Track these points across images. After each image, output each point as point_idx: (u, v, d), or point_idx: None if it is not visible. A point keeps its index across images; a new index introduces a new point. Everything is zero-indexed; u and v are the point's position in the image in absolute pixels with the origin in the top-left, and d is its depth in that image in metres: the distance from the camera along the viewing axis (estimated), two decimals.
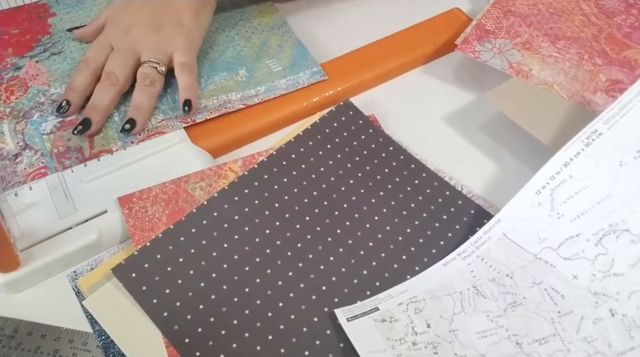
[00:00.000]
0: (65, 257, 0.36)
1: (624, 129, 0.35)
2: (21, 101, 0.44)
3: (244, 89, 0.45)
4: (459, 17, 0.52)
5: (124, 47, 0.44)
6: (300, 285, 0.36)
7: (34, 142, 0.42)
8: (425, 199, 0.40)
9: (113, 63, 0.43)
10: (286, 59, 0.48)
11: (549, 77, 0.43)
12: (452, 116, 0.46)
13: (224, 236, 0.37)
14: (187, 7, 0.45)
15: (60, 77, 0.46)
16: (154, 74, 0.43)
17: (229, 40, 0.50)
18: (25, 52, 0.48)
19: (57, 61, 0.47)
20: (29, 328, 0.35)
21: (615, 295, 0.33)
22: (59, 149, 0.41)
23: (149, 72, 0.43)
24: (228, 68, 0.47)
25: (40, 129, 0.43)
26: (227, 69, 0.47)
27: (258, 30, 0.51)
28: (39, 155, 0.41)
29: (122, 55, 0.43)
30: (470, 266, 0.36)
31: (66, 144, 0.42)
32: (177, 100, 0.43)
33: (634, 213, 0.34)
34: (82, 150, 0.41)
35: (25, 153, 0.41)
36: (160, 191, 0.39)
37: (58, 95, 0.45)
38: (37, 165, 0.40)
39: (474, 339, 0.33)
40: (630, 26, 0.46)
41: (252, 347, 0.33)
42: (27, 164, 0.40)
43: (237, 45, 0.49)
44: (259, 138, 0.45)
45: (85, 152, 0.41)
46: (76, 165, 0.40)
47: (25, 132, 0.42)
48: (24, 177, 0.40)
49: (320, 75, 0.46)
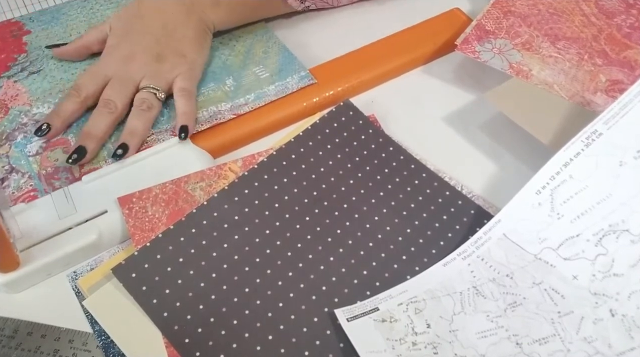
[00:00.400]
0: (65, 257, 0.36)
1: (624, 129, 0.35)
2: (2, 123, 0.43)
3: (232, 99, 0.45)
4: (459, 17, 0.52)
5: (123, 76, 0.43)
6: (300, 285, 0.36)
7: (20, 164, 0.41)
8: (425, 199, 0.40)
9: (112, 91, 0.42)
10: (273, 65, 0.47)
11: (549, 78, 0.43)
12: (452, 116, 0.46)
13: (224, 236, 0.37)
14: (189, 39, 0.45)
15: (42, 96, 0.45)
16: (152, 99, 0.42)
17: (212, 49, 0.48)
18: (1, 72, 0.46)
19: (37, 80, 0.46)
20: (29, 328, 0.35)
21: (615, 295, 0.33)
22: (47, 170, 0.40)
23: (147, 97, 0.42)
24: (215, 78, 0.47)
25: (26, 150, 0.41)
26: (214, 79, 0.47)
27: (241, 38, 0.50)
28: (27, 178, 0.40)
29: (122, 83, 0.42)
30: (470, 266, 0.36)
31: (54, 165, 0.40)
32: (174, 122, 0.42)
33: (634, 213, 0.34)
34: (71, 170, 0.40)
35: (12, 177, 0.40)
36: (160, 191, 0.39)
37: (41, 115, 0.43)
38: (26, 188, 0.39)
39: (474, 339, 0.33)
40: (630, 26, 0.46)
41: (252, 348, 0.33)
42: (15, 187, 0.39)
43: (221, 54, 0.49)
44: (259, 138, 0.45)
45: (74, 172, 0.40)
46: (66, 185, 0.39)
47: (10, 154, 0.41)
48: (12, 202, 0.38)
49: (308, 79, 0.46)
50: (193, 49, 0.45)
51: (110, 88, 0.42)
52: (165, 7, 0.46)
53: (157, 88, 0.43)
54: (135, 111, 0.42)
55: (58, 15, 0.51)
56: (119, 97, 0.42)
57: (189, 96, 0.43)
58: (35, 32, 0.50)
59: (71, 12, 0.52)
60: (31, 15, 0.51)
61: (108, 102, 0.42)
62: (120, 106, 0.42)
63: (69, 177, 0.40)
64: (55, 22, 0.51)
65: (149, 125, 0.42)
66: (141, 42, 0.44)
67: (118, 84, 0.42)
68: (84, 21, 0.51)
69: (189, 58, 0.44)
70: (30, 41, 0.49)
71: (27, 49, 0.48)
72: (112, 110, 0.41)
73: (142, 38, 0.44)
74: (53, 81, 0.46)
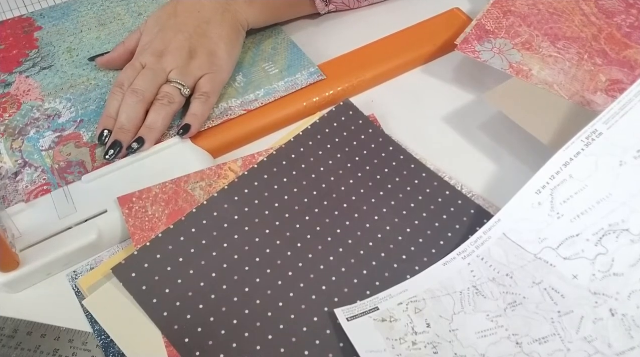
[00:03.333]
0: (65, 257, 0.36)
1: (624, 129, 0.35)
2: (15, 118, 0.44)
3: (243, 95, 0.45)
4: (459, 17, 0.52)
5: (156, 68, 0.43)
6: (301, 285, 0.36)
7: (34, 159, 0.41)
8: (425, 199, 0.40)
9: (142, 81, 0.42)
10: (282, 61, 0.48)
11: (549, 77, 0.43)
12: (452, 116, 0.46)
13: (224, 236, 0.37)
14: (222, 38, 0.45)
15: (54, 92, 0.45)
16: (175, 94, 0.42)
17: None
18: (13, 68, 0.47)
19: (49, 76, 0.47)
20: (29, 328, 0.35)
21: (615, 295, 0.33)
22: (60, 165, 0.41)
23: (171, 92, 0.42)
24: None
25: (39, 145, 0.42)
26: None
27: (250, 34, 0.50)
28: (40, 172, 0.40)
29: (153, 74, 0.42)
30: (470, 265, 0.36)
31: (67, 159, 0.41)
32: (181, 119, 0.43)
33: (634, 213, 0.34)
34: (84, 164, 0.41)
35: (25, 171, 0.41)
36: (160, 191, 0.39)
37: (53, 110, 0.44)
38: (39, 183, 0.40)
39: (474, 339, 0.33)
40: (630, 26, 0.46)
41: (252, 347, 0.33)
42: (29, 181, 0.40)
43: None
44: (259, 138, 0.45)
45: (87, 166, 0.41)
46: (79, 179, 0.39)
47: (23, 149, 0.42)
48: (26, 196, 0.39)
49: (318, 75, 0.46)
50: (226, 48, 0.45)
51: (141, 78, 0.42)
52: (200, 6, 0.46)
53: (183, 84, 0.43)
54: (157, 105, 0.42)
55: (69, 11, 0.52)
56: (148, 86, 0.42)
57: (206, 101, 0.43)
58: (47, 29, 0.50)
59: (82, 9, 0.52)
60: (42, 11, 0.52)
61: (136, 92, 0.41)
62: (148, 95, 0.42)
63: (82, 171, 0.40)
64: (66, 19, 0.51)
65: (168, 120, 0.42)
66: (175, 38, 0.44)
67: (149, 74, 0.42)
68: (94, 18, 0.51)
69: (219, 58, 0.45)
70: (41, 37, 0.50)
71: (39, 45, 0.49)
72: (140, 100, 0.41)
73: (175, 35, 0.44)
74: (65, 77, 0.47)
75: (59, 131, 0.43)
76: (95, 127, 0.43)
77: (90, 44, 0.49)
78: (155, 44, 0.44)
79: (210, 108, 0.43)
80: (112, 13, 0.52)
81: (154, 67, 0.43)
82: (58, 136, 0.42)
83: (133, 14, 0.52)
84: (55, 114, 0.44)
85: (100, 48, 0.49)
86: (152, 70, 0.43)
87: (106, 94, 0.45)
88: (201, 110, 0.42)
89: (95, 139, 0.42)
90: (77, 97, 0.45)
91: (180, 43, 0.44)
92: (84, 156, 0.41)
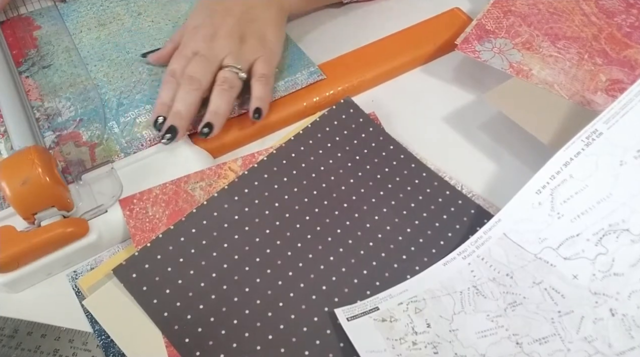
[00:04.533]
0: (65, 257, 0.36)
1: (624, 129, 0.35)
2: None
3: (243, 95, 0.45)
4: (459, 17, 0.52)
5: (208, 54, 0.42)
6: (301, 285, 0.36)
7: None
8: (426, 198, 0.40)
9: (197, 67, 0.42)
10: (282, 60, 0.48)
11: (549, 77, 0.43)
12: (452, 116, 0.46)
13: (224, 236, 0.37)
14: (270, 21, 0.45)
15: (53, 91, 0.45)
16: (234, 79, 0.42)
17: None
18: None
19: (48, 75, 0.46)
20: (29, 328, 0.35)
21: (615, 295, 0.33)
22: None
23: (229, 76, 0.42)
24: None
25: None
26: None
27: None
28: None
29: (207, 60, 0.42)
30: (471, 265, 0.36)
31: (66, 159, 0.41)
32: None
33: (634, 213, 0.34)
34: (83, 164, 0.40)
35: None
36: (160, 192, 0.39)
37: (53, 109, 0.44)
38: None
39: (474, 338, 0.33)
40: (631, 26, 0.46)
41: (252, 347, 0.33)
42: None
43: None
44: (259, 138, 0.45)
45: (87, 165, 0.40)
46: (79, 178, 0.39)
47: None
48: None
49: (318, 75, 0.46)
50: (274, 32, 0.45)
51: (195, 64, 0.42)
52: None
53: (239, 68, 0.42)
54: (218, 90, 0.42)
55: (68, 11, 0.52)
56: (204, 74, 0.42)
57: (267, 82, 0.43)
58: (46, 28, 0.50)
59: (81, 9, 0.52)
60: (41, 10, 0.52)
61: (192, 79, 0.41)
62: (204, 83, 0.42)
63: (81, 170, 0.40)
64: (66, 18, 0.51)
65: (230, 105, 0.42)
66: (224, 23, 0.44)
67: (203, 60, 0.42)
68: (94, 17, 0.51)
69: (269, 41, 0.45)
70: (40, 36, 0.50)
71: (38, 44, 0.49)
72: (197, 88, 0.41)
73: (223, 20, 0.44)
74: (64, 76, 0.47)
75: (59, 130, 0.43)
76: (95, 126, 0.43)
77: (90, 44, 0.49)
78: (204, 29, 0.44)
79: (271, 89, 0.44)
80: (111, 13, 0.52)
81: (206, 54, 0.42)
82: (58, 136, 0.42)
83: (132, 14, 0.52)
84: (55, 113, 0.44)
85: (100, 48, 0.49)
86: (205, 56, 0.42)
87: (105, 93, 0.45)
88: (265, 92, 0.43)
89: (150, 124, 0.42)
90: (76, 96, 0.45)
91: (230, 27, 0.43)
92: (84, 155, 0.41)
